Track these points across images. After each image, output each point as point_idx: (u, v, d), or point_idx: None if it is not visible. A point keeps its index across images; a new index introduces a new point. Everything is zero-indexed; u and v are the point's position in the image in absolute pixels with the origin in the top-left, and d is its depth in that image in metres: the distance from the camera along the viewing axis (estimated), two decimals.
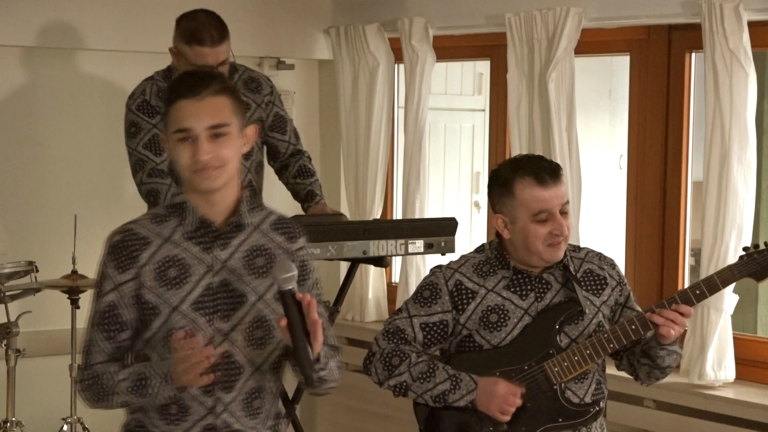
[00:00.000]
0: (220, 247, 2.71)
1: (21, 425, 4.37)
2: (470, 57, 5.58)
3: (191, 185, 2.70)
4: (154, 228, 2.73)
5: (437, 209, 6.18)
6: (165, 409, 2.70)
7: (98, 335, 2.72)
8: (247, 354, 2.71)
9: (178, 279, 2.68)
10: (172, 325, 2.67)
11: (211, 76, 2.73)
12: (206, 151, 2.64)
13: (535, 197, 3.16)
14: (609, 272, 3.27)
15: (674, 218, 4.46)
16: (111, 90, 5.16)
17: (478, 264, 3.26)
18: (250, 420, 2.74)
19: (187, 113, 2.65)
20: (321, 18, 5.50)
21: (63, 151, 5.06)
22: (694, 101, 4.42)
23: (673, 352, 3.18)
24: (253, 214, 2.76)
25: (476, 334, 3.20)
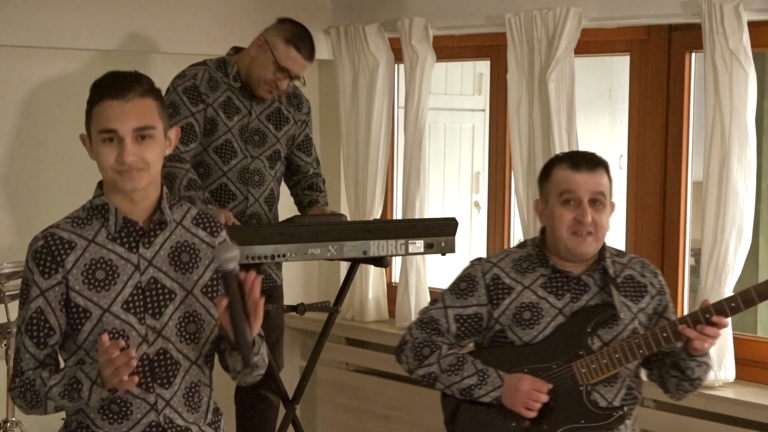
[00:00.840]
0: (144, 245, 2.72)
1: (21, 425, 4.37)
2: (470, 57, 5.58)
3: (114, 186, 2.70)
4: (77, 231, 2.73)
5: (437, 209, 6.19)
6: (106, 408, 2.73)
7: (27, 341, 2.72)
8: (181, 349, 2.73)
9: (106, 281, 2.69)
10: (104, 327, 2.68)
11: (137, 77, 2.73)
12: (131, 152, 2.65)
13: (564, 178, 3.19)
14: (650, 280, 3.25)
15: (674, 218, 4.46)
16: None
17: (518, 260, 3.27)
18: (191, 415, 2.77)
19: (113, 114, 2.66)
20: (321, 18, 5.50)
21: (63, 151, 5.05)
22: (694, 101, 4.43)
23: (703, 364, 3.15)
24: (173, 210, 2.78)
25: (508, 330, 3.21)
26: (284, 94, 4.45)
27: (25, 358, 2.73)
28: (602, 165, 3.23)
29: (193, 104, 4.27)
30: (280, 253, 3.98)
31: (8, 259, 4.42)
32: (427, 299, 5.15)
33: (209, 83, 4.31)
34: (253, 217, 4.42)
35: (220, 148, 4.33)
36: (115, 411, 2.72)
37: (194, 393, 2.77)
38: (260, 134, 4.39)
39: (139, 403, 2.72)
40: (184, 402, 2.75)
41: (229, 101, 4.33)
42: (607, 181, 3.22)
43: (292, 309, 4.28)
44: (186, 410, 2.76)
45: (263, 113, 4.42)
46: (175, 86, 4.32)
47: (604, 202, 3.19)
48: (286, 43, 4.28)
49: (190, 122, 4.26)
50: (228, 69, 4.34)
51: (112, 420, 2.72)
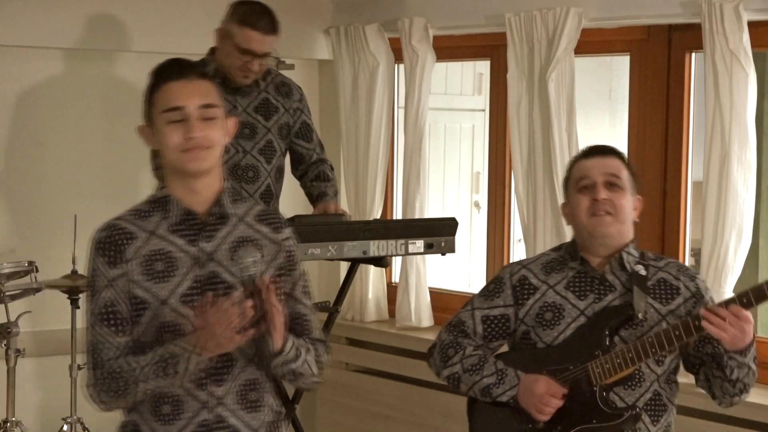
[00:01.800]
0: (205, 239, 2.70)
1: (21, 425, 4.37)
2: (470, 57, 5.58)
3: (178, 168, 2.68)
4: (138, 222, 2.71)
5: (437, 209, 6.19)
6: (158, 408, 2.68)
7: (105, 330, 2.68)
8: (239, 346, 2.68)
9: (165, 272, 2.66)
10: (161, 319, 2.65)
11: (194, 63, 2.76)
12: (199, 128, 2.64)
13: (578, 168, 3.23)
14: (685, 283, 3.20)
15: (674, 218, 4.46)
16: (111, 90, 5.16)
17: (549, 261, 3.28)
18: (248, 413, 2.72)
19: (178, 93, 2.66)
20: (321, 18, 5.50)
21: (63, 151, 5.06)
22: (694, 101, 4.42)
23: (744, 365, 3.07)
24: (236, 205, 2.75)
25: (532, 332, 3.20)
26: (260, 76, 4.37)
27: (105, 348, 2.67)
28: (615, 153, 3.25)
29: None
30: None
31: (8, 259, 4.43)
32: (427, 299, 5.16)
33: None
34: None
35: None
36: (167, 411, 2.67)
37: (251, 391, 2.72)
38: (250, 127, 4.37)
39: (191, 402, 2.67)
40: (238, 400, 2.70)
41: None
42: (622, 166, 3.22)
43: None
44: (240, 408, 2.70)
45: (250, 105, 4.41)
46: None
47: (620, 184, 3.19)
48: (240, 25, 4.23)
49: None
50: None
51: (164, 421, 2.68)
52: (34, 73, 4.99)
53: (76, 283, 4.43)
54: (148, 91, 2.72)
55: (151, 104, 2.69)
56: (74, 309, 4.47)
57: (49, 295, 4.55)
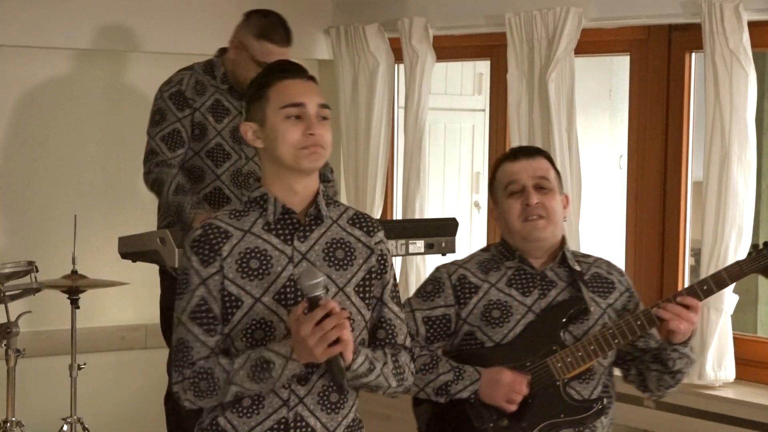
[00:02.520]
0: (300, 239, 2.70)
1: (21, 425, 4.36)
2: (470, 57, 5.58)
3: (290, 165, 2.66)
4: (234, 222, 2.70)
5: (437, 209, 6.19)
6: (239, 401, 2.67)
7: (196, 329, 2.66)
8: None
9: (260, 270, 2.66)
10: (253, 317, 2.64)
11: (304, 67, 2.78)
12: (318, 127, 2.66)
13: (505, 171, 3.22)
14: (617, 278, 3.25)
15: (674, 218, 4.46)
16: (111, 90, 5.16)
17: (483, 261, 3.26)
18: (327, 415, 2.70)
19: (299, 90, 2.68)
20: (321, 18, 5.50)
21: (63, 151, 5.06)
22: (694, 101, 4.43)
23: (684, 356, 3.12)
24: (330, 208, 2.76)
25: (478, 331, 3.18)
26: None
27: (196, 347, 2.65)
28: (541, 153, 3.24)
29: (180, 110, 4.25)
30: None
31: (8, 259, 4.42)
32: None
33: (195, 88, 4.28)
34: None
35: (212, 151, 4.30)
36: (247, 405, 2.66)
37: (332, 393, 2.70)
38: None
39: (272, 398, 2.66)
40: (318, 400, 2.69)
41: (217, 104, 4.30)
42: (548, 167, 3.22)
43: None
44: (320, 409, 2.69)
45: None
46: (162, 92, 4.30)
47: (549, 186, 3.18)
48: (258, 38, 4.22)
49: (177, 128, 4.24)
50: (215, 71, 4.31)
51: (242, 414, 2.67)
52: (35, 74, 4.99)
53: (76, 283, 4.43)
54: (257, 87, 2.71)
55: (265, 99, 2.69)
56: (74, 309, 4.47)
57: (49, 295, 4.55)
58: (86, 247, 4.68)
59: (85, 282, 4.45)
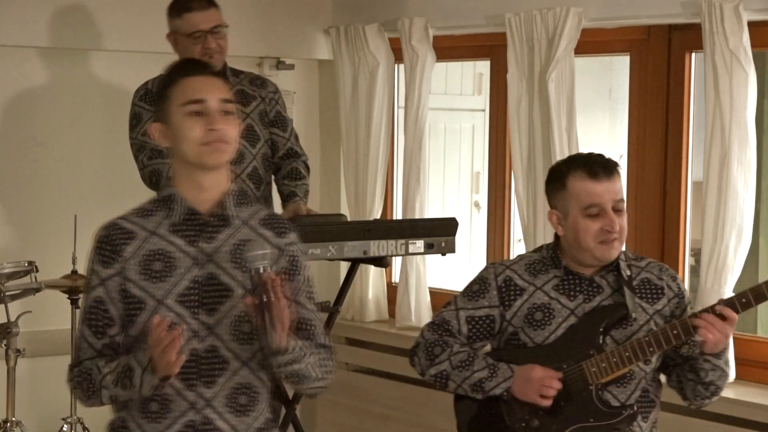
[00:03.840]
0: (205, 240, 2.69)
1: (21, 425, 4.37)
2: (470, 57, 5.58)
3: (195, 162, 2.67)
4: (140, 221, 2.71)
5: (437, 209, 6.18)
6: (146, 406, 2.68)
7: (86, 331, 2.71)
8: (233, 348, 2.68)
9: (163, 272, 2.66)
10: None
11: (206, 63, 2.80)
12: (220, 122, 2.65)
13: (585, 190, 3.14)
14: (668, 283, 3.22)
15: (674, 218, 4.46)
16: (111, 90, 5.16)
17: (532, 263, 3.26)
18: (236, 417, 2.70)
19: (200, 86, 2.68)
20: (321, 18, 5.50)
21: (63, 151, 5.06)
22: (694, 101, 4.42)
23: (717, 368, 3.09)
24: (240, 209, 2.74)
25: (521, 332, 3.19)
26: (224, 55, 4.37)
27: (83, 347, 2.71)
28: (616, 167, 3.20)
29: (152, 105, 4.26)
30: None
31: (8, 259, 4.43)
32: (428, 299, 5.16)
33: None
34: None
35: None
36: (155, 409, 2.67)
37: (241, 395, 2.70)
38: None
39: (179, 401, 2.67)
40: (227, 403, 2.69)
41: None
42: (621, 183, 3.21)
43: None
44: (228, 412, 2.69)
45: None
46: (133, 98, 4.40)
47: (623, 207, 3.18)
48: (178, 15, 4.29)
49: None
50: None
51: (151, 419, 2.68)
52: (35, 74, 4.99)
53: (76, 283, 4.43)
54: (161, 88, 2.72)
55: (167, 99, 2.69)
56: (74, 309, 4.47)
57: (49, 295, 4.55)
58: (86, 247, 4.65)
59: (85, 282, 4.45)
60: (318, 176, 5.66)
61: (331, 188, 5.68)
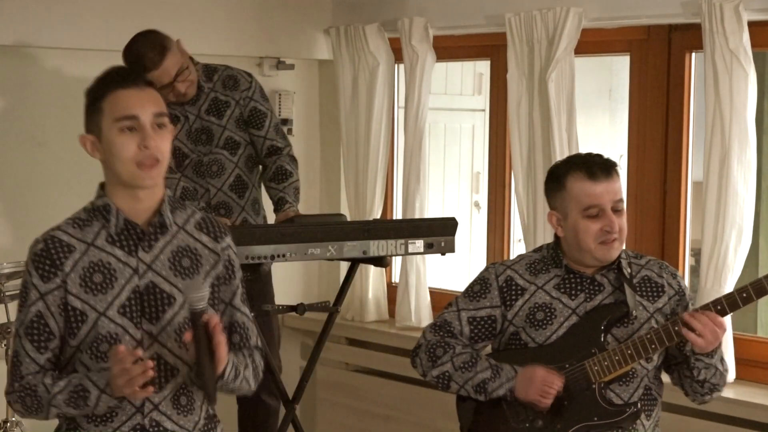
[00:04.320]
0: (144, 249, 2.68)
1: (21, 425, 4.36)
2: (470, 57, 5.58)
3: (128, 183, 2.66)
4: (77, 233, 2.69)
5: (437, 209, 6.19)
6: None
7: (27, 345, 2.67)
8: (179, 354, 2.68)
9: (103, 284, 2.65)
10: (99, 331, 2.64)
11: (137, 70, 2.75)
12: (153, 138, 2.62)
13: (585, 191, 3.14)
14: (668, 281, 3.22)
15: (674, 218, 4.46)
16: None
17: (532, 262, 3.26)
18: (182, 417, 2.72)
19: (132, 101, 2.63)
20: (321, 18, 5.50)
21: (63, 151, 5.05)
22: (694, 101, 4.43)
23: (711, 367, 3.10)
24: (176, 214, 2.74)
25: (522, 332, 3.20)
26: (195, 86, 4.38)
27: (25, 362, 2.68)
28: (615, 168, 3.20)
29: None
30: (280, 253, 3.98)
31: (8, 259, 4.42)
32: (428, 299, 5.16)
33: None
34: (221, 207, 4.42)
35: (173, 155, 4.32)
36: (100, 414, 2.67)
37: (184, 395, 2.72)
38: (206, 132, 4.42)
39: (126, 405, 2.67)
40: (172, 405, 2.70)
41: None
42: (620, 184, 3.20)
43: (291, 309, 4.27)
44: (176, 413, 2.71)
45: (201, 110, 4.43)
46: None
47: (623, 207, 3.18)
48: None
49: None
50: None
51: (98, 422, 2.68)
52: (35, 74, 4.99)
53: None
54: (92, 99, 2.68)
55: (99, 112, 2.65)
56: None
57: None
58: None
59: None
60: (318, 176, 5.66)
61: (331, 188, 5.68)
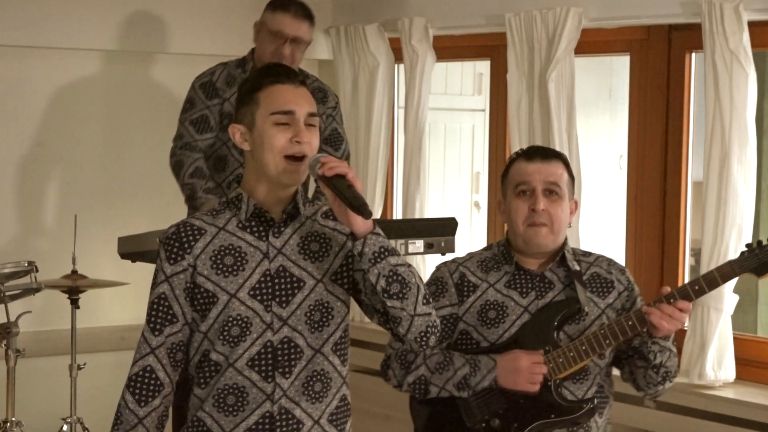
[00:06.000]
0: (275, 235, 2.72)
1: (21, 425, 4.36)
2: (470, 57, 5.58)
3: (274, 172, 2.67)
4: (209, 219, 2.74)
5: (437, 209, 6.18)
6: (222, 400, 2.69)
7: (145, 327, 2.71)
8: (306, 338, 2.70)
9: (234, 266, 2.68)
10: (229, 313, 2.66)
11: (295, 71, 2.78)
12: (305, 135, 2.67)
13: (518, 170, 3.20)
14: (617, 277, 3.24)
15: (674, 218, 4.46)
16: (111, 90, 5.16)
17: (483, 260, 3.26)
18: (311, 405, 2.72)
19: (290, 97, 2.69)
20: (321, 18, 5.48)
21: (63, 151, 5.06)
22: (694, 101, 4.42)
23: (665, 349, 3.10)
24: (306, 207, 2.78)
25: (474, 331, 3.19)
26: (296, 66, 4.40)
27: (141, 346, 2.72)
28: (558, 157, 3.22)
29: (209, 98, 4.39)
30: None
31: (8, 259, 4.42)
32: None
33: (226, 80, 4.43)
34: None
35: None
36: (231, 403, 2.68)
37: (315, 382, 2.71)
38: None
39: (256, 393, 2.68)
40: (303, 391, 2.70)
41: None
42: (562, 173, 3.20)
43: None
44: (305, 400, 2.70)
45: None
46: (194, 83, 4.46)
47: (559, 192, 3.17)
48: (273, 10, 4.36)
49: (205, 114, 4.39)
50: (246, 66, 4.44)
51: (228, 412, 2.68)
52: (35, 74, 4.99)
53: (76, 283, 4.43)
54: (249, 90, 2.72)
55: (254, 103, 2.69)
56: (74, 309, 4.47)
57: (49, 295, 4.55)
58: (86, 247, 4.68)
59: (85, 282, 4.45)
60: None
61: None
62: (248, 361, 2.67)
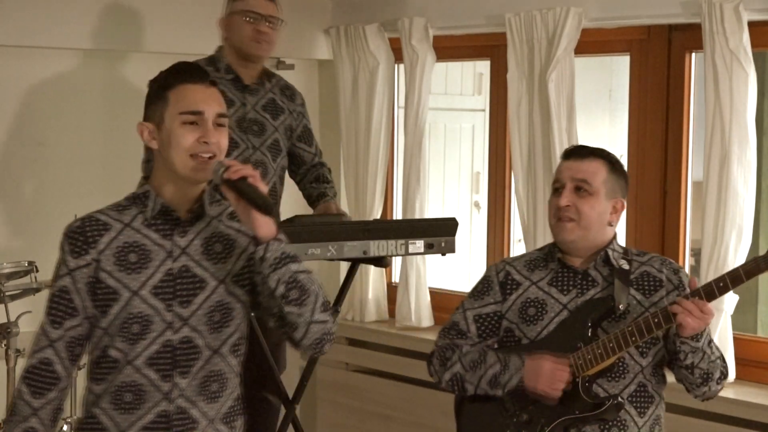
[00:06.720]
0: (179, 234, 2.73)
1: None
2: (470, 57, 5.58)
3: (180, 173, 2.69)
4: (115, 215, 2.75)
5: (437, 209, 6.19)
6: (120, 397, 2.70)
7: (45, 319, 2.73)
8: (206, 338, 2.72)
9: (138, 264, 2.70)
10: (130, 310, 2.68)
11: (206, 71, 2.79)
12: (213, 135, 2.68)
13: (557, 168, 3.28)
14: (668, 276, 3.22)
15: (674, 218, 4.46)
16: (111, 90, 5.16)
17: (532, 259, 3.31)
18: (207, 404, 2.74)
19: (198, 97, 2.69)
20: (321, 18, 5.50)
21: (63, 151, 5.06)
22: (694, 101, 4.43)
23: (697, 350, 3.07)
24: (212, 207, 2.78)
25: (516, 329, 3.22)
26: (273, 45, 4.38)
27: (39, 339, 2.74)
28: (596, 155, 3.23)
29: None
30: None
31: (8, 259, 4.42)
32: (428, 299, 5.16)
33: None
34: None
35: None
36: (128, 400, 2.70)
37: (212, 382, 2.74)
38: (258, 124, 4.40)
39: (154, 392, 2.69)
40: (199, 391, 2.72)
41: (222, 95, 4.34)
42: (597, 171, 3.20)
43: None
44: (201, 399, 2.73)
45: (258, 104, 4.42)
46: None
47: (588, 189, 3.18)
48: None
49: None
50: (218, 64, 4.36)
51: (124, 410, 2.70)
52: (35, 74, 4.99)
53: None
54: (157, 88, 2.73)
55: (164, 102, 2.71)
56: None
57: None
58: None
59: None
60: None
61: None
62: (147, 360, 2.68)
